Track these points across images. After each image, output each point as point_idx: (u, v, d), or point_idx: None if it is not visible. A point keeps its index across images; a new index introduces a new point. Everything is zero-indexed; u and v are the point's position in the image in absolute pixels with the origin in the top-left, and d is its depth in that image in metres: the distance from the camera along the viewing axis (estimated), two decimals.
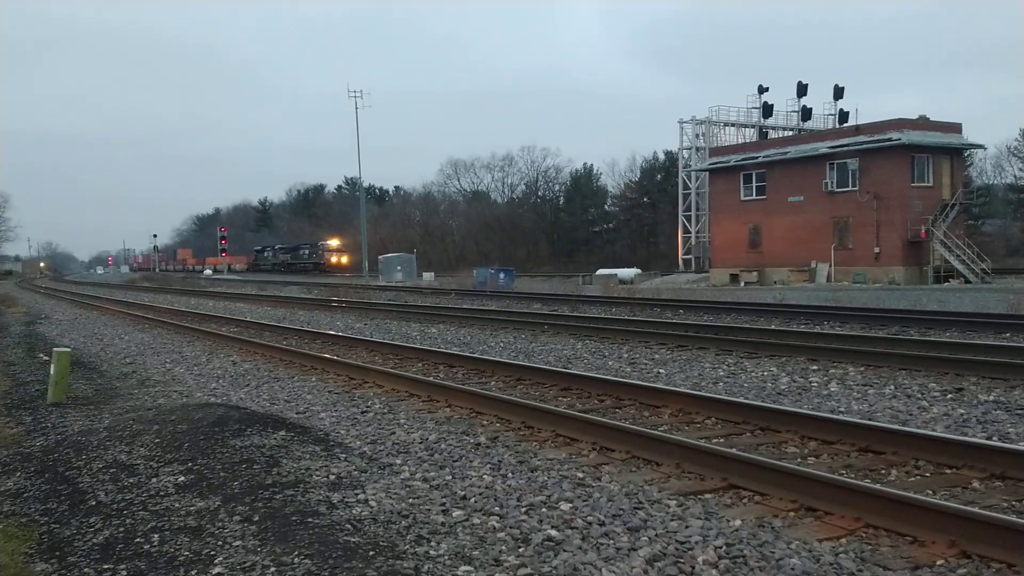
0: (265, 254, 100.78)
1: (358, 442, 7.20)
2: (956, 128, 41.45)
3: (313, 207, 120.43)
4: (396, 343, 14.21)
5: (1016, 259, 55.05)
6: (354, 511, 5.17)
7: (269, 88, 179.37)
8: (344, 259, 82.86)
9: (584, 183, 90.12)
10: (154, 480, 6.06)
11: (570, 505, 5.18)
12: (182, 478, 6.05)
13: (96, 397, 10.35)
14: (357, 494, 5.52)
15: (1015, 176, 72.39)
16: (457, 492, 5.56)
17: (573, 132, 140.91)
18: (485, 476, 5.92)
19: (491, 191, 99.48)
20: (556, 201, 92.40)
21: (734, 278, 43.70)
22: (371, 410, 8.70)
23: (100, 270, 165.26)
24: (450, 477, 5.95)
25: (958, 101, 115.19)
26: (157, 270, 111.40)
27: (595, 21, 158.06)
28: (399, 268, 56.63)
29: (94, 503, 5.65)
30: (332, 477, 5.96)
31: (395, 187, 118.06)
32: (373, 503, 5.33)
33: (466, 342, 15.16)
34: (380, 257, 63.01)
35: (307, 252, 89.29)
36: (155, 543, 4.77)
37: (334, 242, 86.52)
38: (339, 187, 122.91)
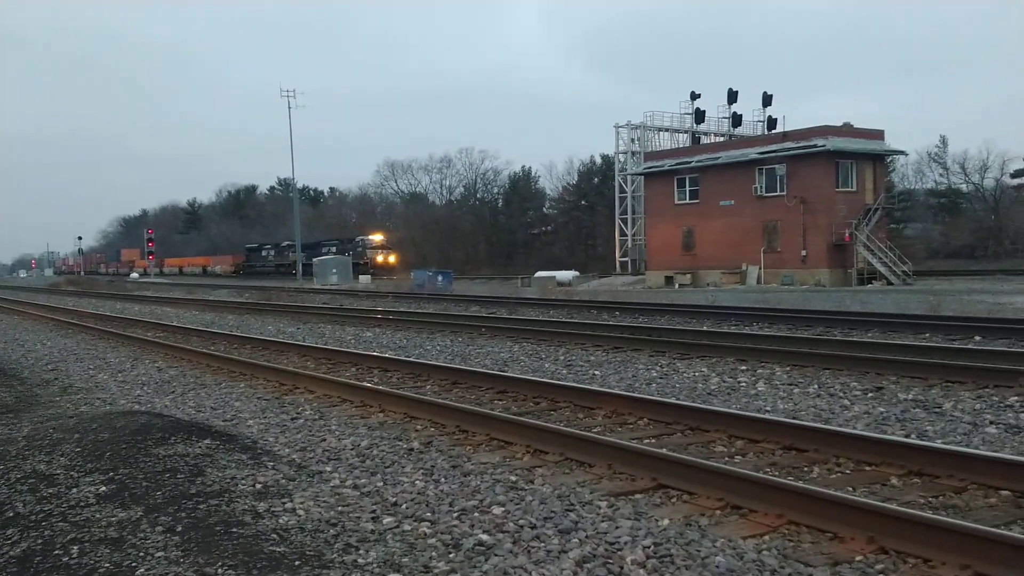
0: (263, 254, 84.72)
1: (287, 449, 7.08)
2: (878, 135, 42.88)
3: (244, 208, 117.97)
4: (329, 347, 14.04)
5: (936, 261, 57.22)
6: (281, 520, 5.08)
7: (198, 85, 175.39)
8: (392, 258, 70.06)
9: (522, 186, 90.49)
10: (74, 490, 5.87)
11: (502, 509, 5.19)
12: (103, 488, 5.87)
13: (16, 405, 9.95)
14: (284, 503, 5.43)
15: (935, 181, 75.31)
16: (388, 498, 5.51)
17: (511, 134, 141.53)
18: (417, 482, 5.89)
19: (429, 193, 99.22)
20: (495, 203, 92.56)
21: (669, 280, 44.39)
22: (301, 416, 8.56)
23: (23, 273, 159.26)
24: (381, 483, 5.89)
25: (881, 109, 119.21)
26: (83, 273, 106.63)
27: (535, 23, 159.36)
28: (334, 271, 55.89)
29: (11, 515, 5.44)
30: (258, 486, 5.85)
31: (330, 188, 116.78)
32: (301, 512, 5.25)
33: (402, 346, 15.05)
34: (315, 259, 62.08)
35: (334, 251, 73.27)
36: (74, 555, 4.62)
37: (377, 237, 72.70)
38: (272, 188, 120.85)
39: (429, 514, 5.15)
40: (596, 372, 11.08)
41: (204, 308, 28.88)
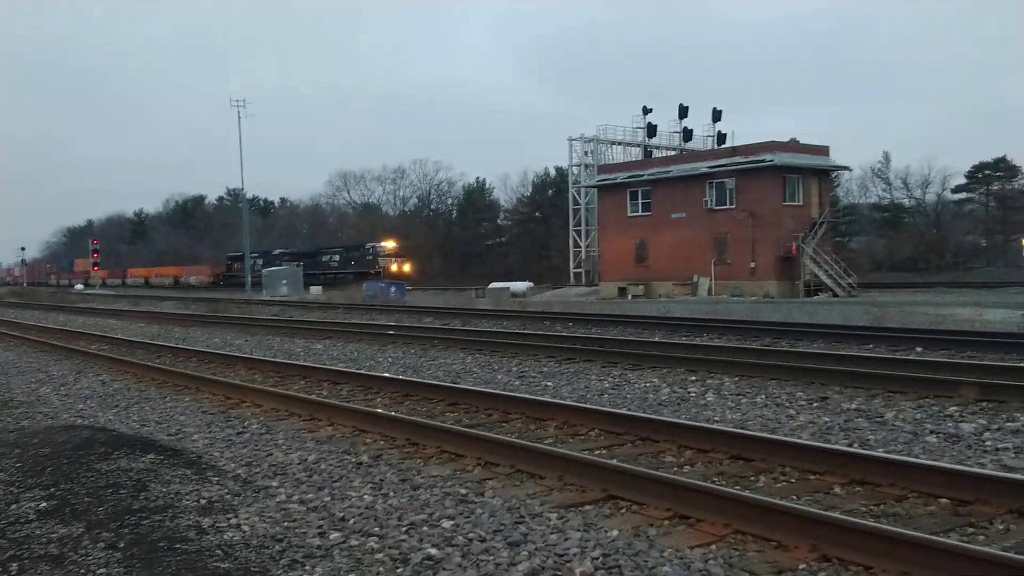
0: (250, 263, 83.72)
1: (232, 464, 6.97)
2: (824, 151, 43.92)
3: (192, 219, 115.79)
4: (277, 360, 13.86)
5: (880, 274, 58.68)
6: (225, 536, 5.01)
7: (147, 91, 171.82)
8: (407, 267, 64.86)
9: (477, 197, 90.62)
10: (14, 507, 5.73)
11: (452, 522, 5.16)
12: (44, 504, 5.73)
13: None
14: (229, 518, 5.35)
15: (878, 196, 77.39)
16: (336, 513, 5.44)
17: (466, 146, 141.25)
18: (366, 496, 5.83)
19: (382, 204, 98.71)
20: (449, 215, 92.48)
21: (622, 291, 44.79)
22: (248, 430, 8.42)
23: None
24: (329, 498, 5.82)
25: (826, 125, 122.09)
26: (27, 284, 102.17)
27: (487, 37, 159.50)
28: (284, 282, 54.98)
29: None
30: (203, 501, 5.77)
31: (281, 198, 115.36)
32: (246, 527, 5.17)
33: (353, 358, 14.92)
34: (264, 270, 61.07)
35: (337, 259, 68.07)
36: (14, 572, 4.51)
37: (390, 244, 66.57)
38: (220, 198, 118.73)
39: (377, 529, 5.10)
40: (549, 383, 11.11)
41: (150, 320, 28.29)
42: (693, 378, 11.08)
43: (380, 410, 8.74)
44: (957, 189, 73.33)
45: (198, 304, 38.48)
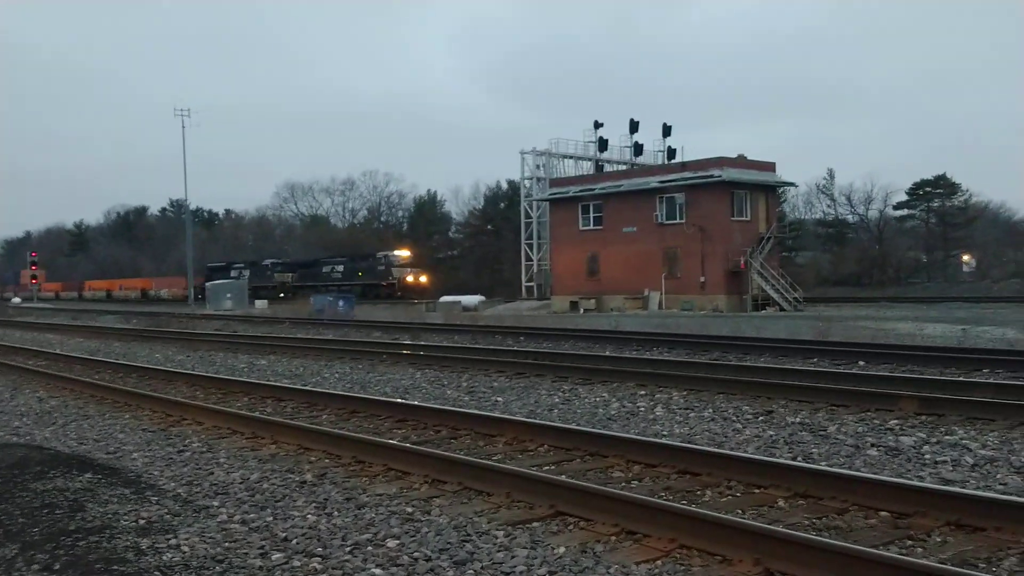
0: (233, 274, 72.41)
1: (172, 483, 6.80)
2: (770, 167, 44.78)
3: (134, 230, 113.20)
4: (220, 376, 13.61)
5: (825, 288, 59.91)
6: (164, 557, 4.90)
7: (88, 100, 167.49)
8: (423, 278, 60.22)
9: (428, 209, 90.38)
10: None
11: (397, 542, 5.09)
12: None
13: None
14: (168, 539, 5.23)
15: (823, 212, 79.09)
16: (278, 534, 5.33)
17: (417, 158, 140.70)
18: (309, 515, 5.72)
19: (331, 216, 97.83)
20: (399, 227, 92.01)
21: (574, 305, 44.95)
22: (188, 449, 8.24)
23: None
24: (271, 518, 5.70)
25: (774, 141, 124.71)
26: None
27: (441, 48, 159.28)
28: (228, 296, 53.82)
29: None
30: (142, 522, 5.63)
31: (226, 210, 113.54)
32: (186, 548, 5.06)
33: (298, 374, 14.71)
34: (207, 284, 59.76)
35: (341, 269, 62.55)
36: None
37: (404, 252, 62.01)
38: (163, 209, 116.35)
39: (320, 549, 5.00)
40: (499, 398, 11.07)
41: (90, 335, 27.56)
42: (643, 392, 11.15)
43: (325, 427, 8.62)
44: (899, 206, 75.37)
45: (139, 318, 37.62)
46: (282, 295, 65.08)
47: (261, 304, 53.71)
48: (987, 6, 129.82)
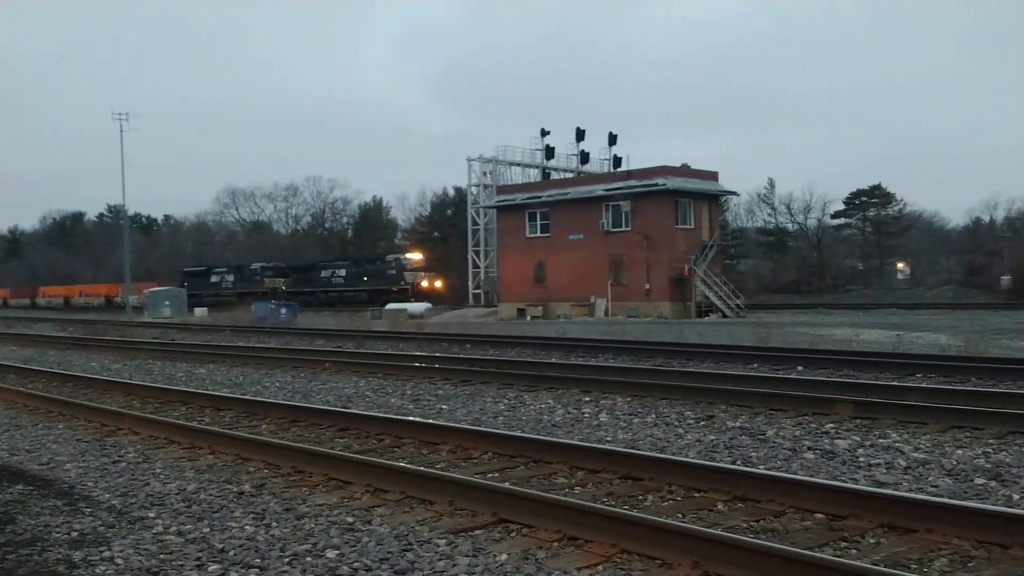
0: (213, 279, 67.94)
1: (107, 495, 6.63)
2: (713, 176, 45.57)
3: (71, 236, 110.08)
4: (157, 385, 13.32)
5: (766, 295, 61.13)
6: (97, 570, 4.80)
7: (21, 102, 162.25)
8: (439, 283, 57.35)
9: (374, 216, 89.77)
10: None
11: (337, 552, 5.02)
12: None
13: None
14: (102, 551, 5.12)
15: (764, 220, 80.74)
16: (215, 545, 5.23)
17: (362, 164, 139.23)
18: (247, 526, 5.62)
19: (274, 222, 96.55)
20: (344, 234, 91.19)
21: (521, 312, 45.03)
22: (124, 459, 8.04)
23: None
24: (208, 529, 5.59)
25: (716, 151, 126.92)
26: None
27: (388, 54, 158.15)
28: (167, 303, 52.47)
29: None
30: (74, 534, 5.51)
31: (165, 216, 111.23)
32: (120, 561, 4.95)
33: (238, 383, 14.45)
34: (145, 291, 58.20)
35: (343, 274, 58.44)
36: None
37: (416, 256, 58.69)
38: (101, 215, 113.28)
39: (258, 560, 4.91)
40: (444, 406, 11.03)
41: (24, 344, 26.70)
42: (587, 399, 11.22)
43: (265, 437, 8.48)
44: (836, 215, 77.32)
45: (76, 326, 36.56)
46: (273, 301, 61.99)
47: (201, 311, 52.59)
48: (922, 23, 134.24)
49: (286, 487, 6.73)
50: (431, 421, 9.26)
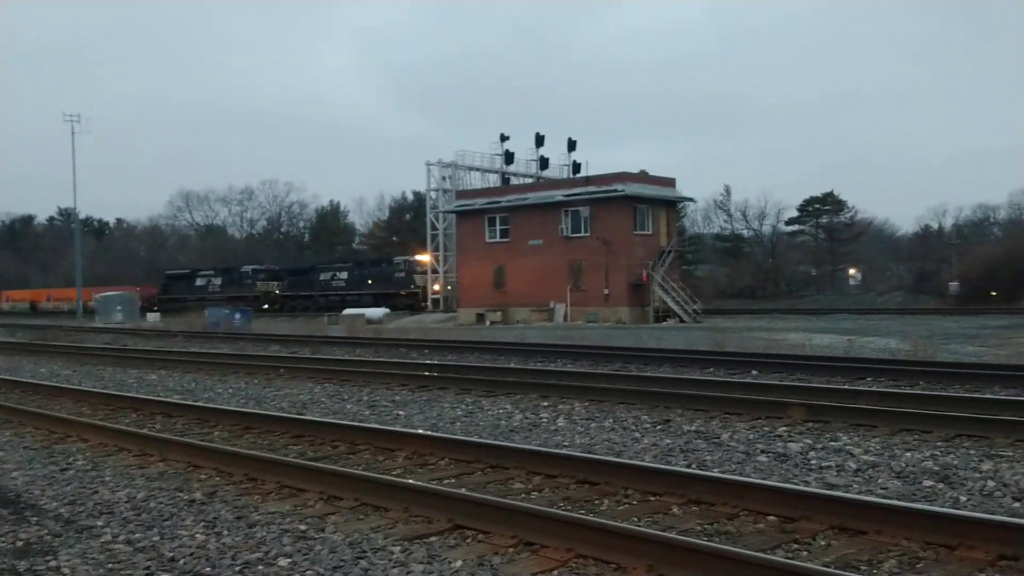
0: (199, 283, 65.28)
1: (54, 503, 6.48)
2: (671, 182, 46.06)
3: (20, 240, 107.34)
4: (108, 392, 13.08)
5: (722, 300, 61.92)
6: None
7: None
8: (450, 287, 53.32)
9: (331, 220, 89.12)
10: None
11: (289, 560, 4.95)
12: None
13: None
14: (48, 561, 5.01)
15: (720, 227, 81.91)
16: (165, 554, 5.13)
17: (319, 168, 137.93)
18: (198, 535, 5.52)
19: (228, 226, 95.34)
20: (300, 238, 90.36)
21: (480, 317, 45.00)
22: (72, 467, 7.86)
23: None
24: (158, 538, 5.48)
25: (674, 158, 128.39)
26: None
27: (347, 58, 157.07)
28: (119, 308, 51.46)
29: None
30: (20, 543, 5.39)
31: (117, 219, 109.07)
32: (66, 570, 4.86)
33: (190, 389, 14.22)
34: (96, 296, 56.99)
35: (345, 276, 55.84)
36: None
37: (425, 258, 55.05)
38: (51, 218, 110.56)
39: (209, 569, 4.83)
40: (400, 412, 10.95)
41: None
42: (545, 404, 11.23)
43: (217, 444, 8.36)
44: (790, 221, 78.75)
45: (25, 331, 35.67)
46: (266, 307, 57.49)
47: (154, 317, 51.69)
48: (874, 34, 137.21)
49: (238, 495, 6.62)
50: (387, 427, 9.19)
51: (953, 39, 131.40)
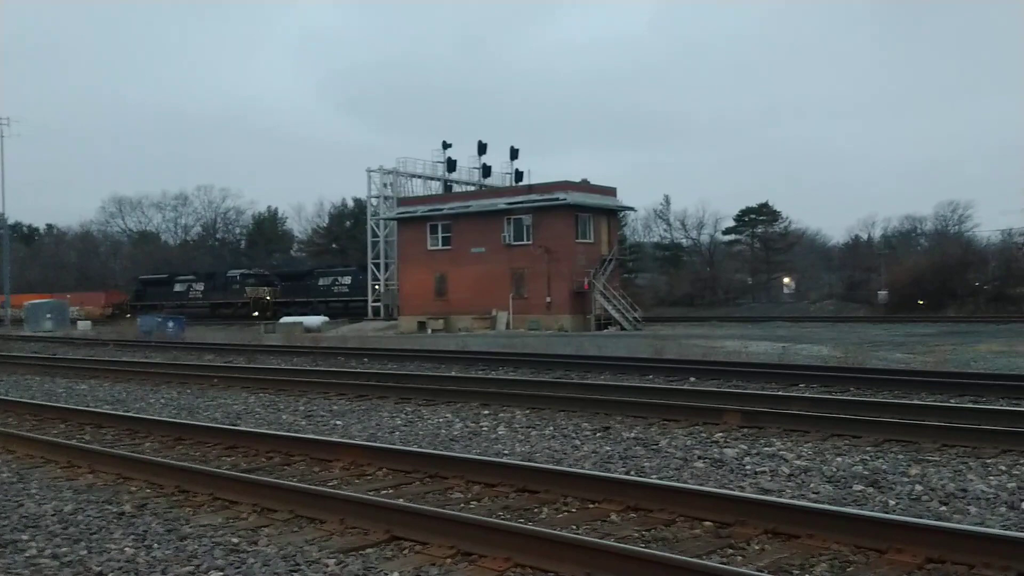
0: (178, 288, 61.21)
1: None
2: (612, 192, 46.57)
3: None
4: (35, 402, 12.61)
5: (662, 308, 62.77)
6: None
7: None
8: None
9: (268, 226, 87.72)
10: None
11: (221, 574, 4.83)
12: None
13: None
14: None
15: (660, 236, 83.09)
16: (92, 568, 4.97)
17: (256, 173, 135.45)
18: (127, 548, 5.35)
19: (162, 232, 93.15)
20: (237, 245, 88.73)
21: (422, 325, 44.75)
22: None
23: None
24: (85, 552, 5.30)
25: (615, 167, 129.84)
26: None
27: (285, 62, 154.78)
28: (49, 316, 49.65)
29: None
30: None
31: (47, 225, 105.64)
32: None
33: (121, 399, 13.80)
34: (25, 303, 54.97)
35: (348, 282, 53.96)
36: None
37: None
38: None
39: None
40: (338, 422, 10.80)
41: None
42: (486, 412, 11.20)
43: (148, 455, 8.12)
44: (727, 231, 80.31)
45: None
46: (257, 314, 52.74)
47: (84, 325, 50.07)
48: (807, 49, 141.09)
49: (169, 507, 6.43)
50: (323, 438, 9.05)
51: (883, 58, 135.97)
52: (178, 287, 62.76)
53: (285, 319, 47.82)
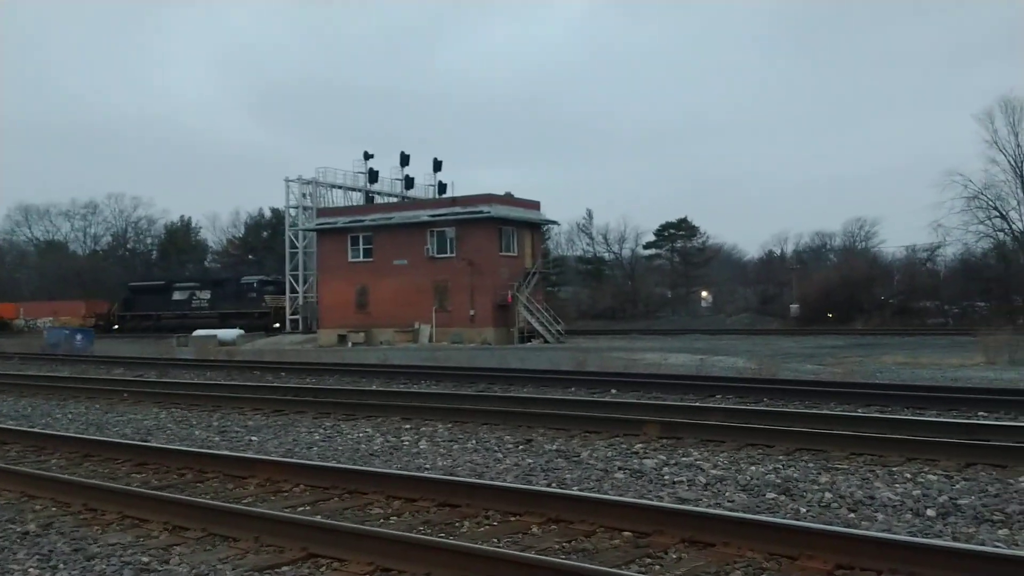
0: (176, 297, 56.93)
1: None
2: (535, 205, 46.94)
3: None
4: None
5: (584, 321, 63.44)
6: None
7: None
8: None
9: (181, 237, 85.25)
10: None
11: None
12: None
13: None
14: None
15: (583, 249, 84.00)
16: None
17: (169, 182, 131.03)
18: (31, 569, 5.14)
19: (70, 241, 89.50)
20: (148, 255, 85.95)
21: (342, 339, 44.11)
22: None
23: None
24: None
25: (539, 180, 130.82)
26: None
27: (202, 70, 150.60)
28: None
29: None
30: None
31: None
32: None
33: (26, 415, 13.20)
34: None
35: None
36: None
37: None
38: None
39: None
40: (253, 438, 10.53)
41: None
42: (408, 426, 11.09)
43: (53, 473, 7.76)
44: (648, 245, 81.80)
45: None
46: (277, 326, 49.30)
47: None
48: (721, 66, 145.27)
49: (76, 526, 6.17)
50: (238, 454, 8.82)
51: (796, 77, 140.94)
52: (178, 295, 57.91)
53: (198, 332, 46.38)
